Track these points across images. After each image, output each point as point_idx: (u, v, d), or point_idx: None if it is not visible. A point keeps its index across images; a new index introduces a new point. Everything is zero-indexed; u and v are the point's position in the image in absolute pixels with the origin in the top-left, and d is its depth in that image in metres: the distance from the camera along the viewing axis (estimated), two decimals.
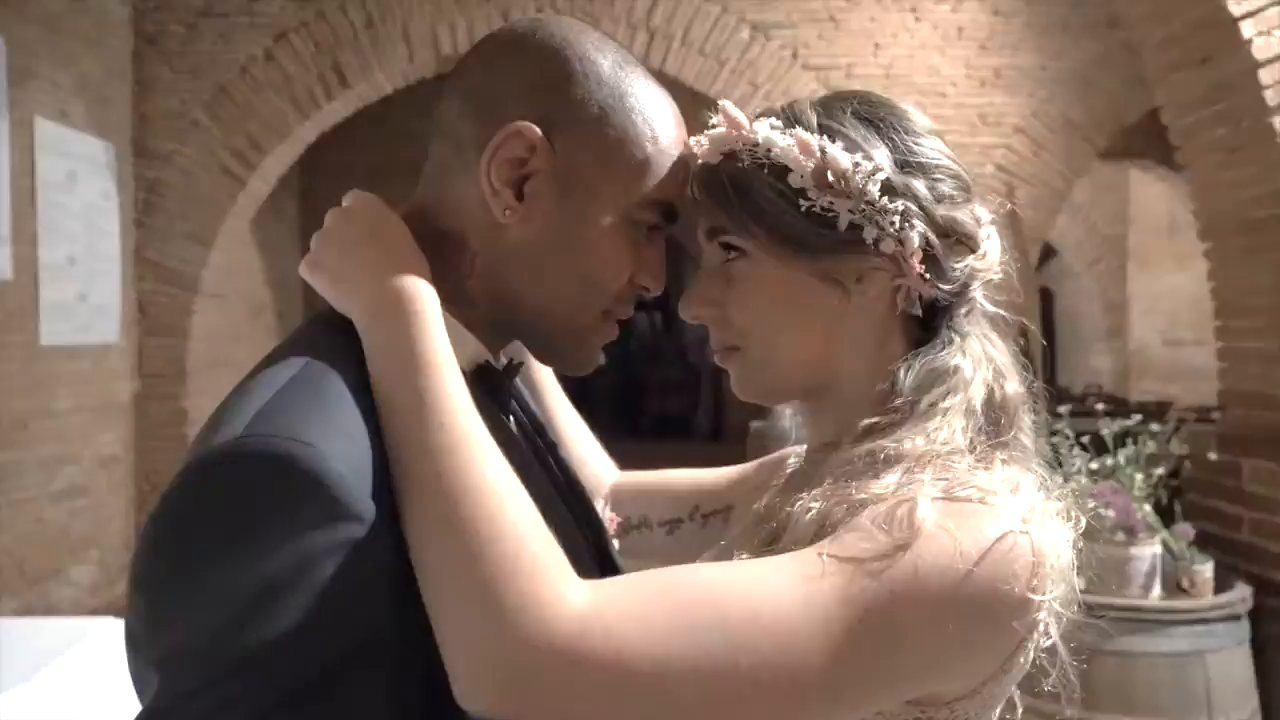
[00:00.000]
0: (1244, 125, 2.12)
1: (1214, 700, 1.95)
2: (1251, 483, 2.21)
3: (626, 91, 0.62)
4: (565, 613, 0.48)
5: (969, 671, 0.56)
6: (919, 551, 0.52)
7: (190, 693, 0.48)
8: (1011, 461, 0.61)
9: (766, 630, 0.50)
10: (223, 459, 0.50)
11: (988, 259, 0.68)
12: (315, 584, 0.48)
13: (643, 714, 0.50)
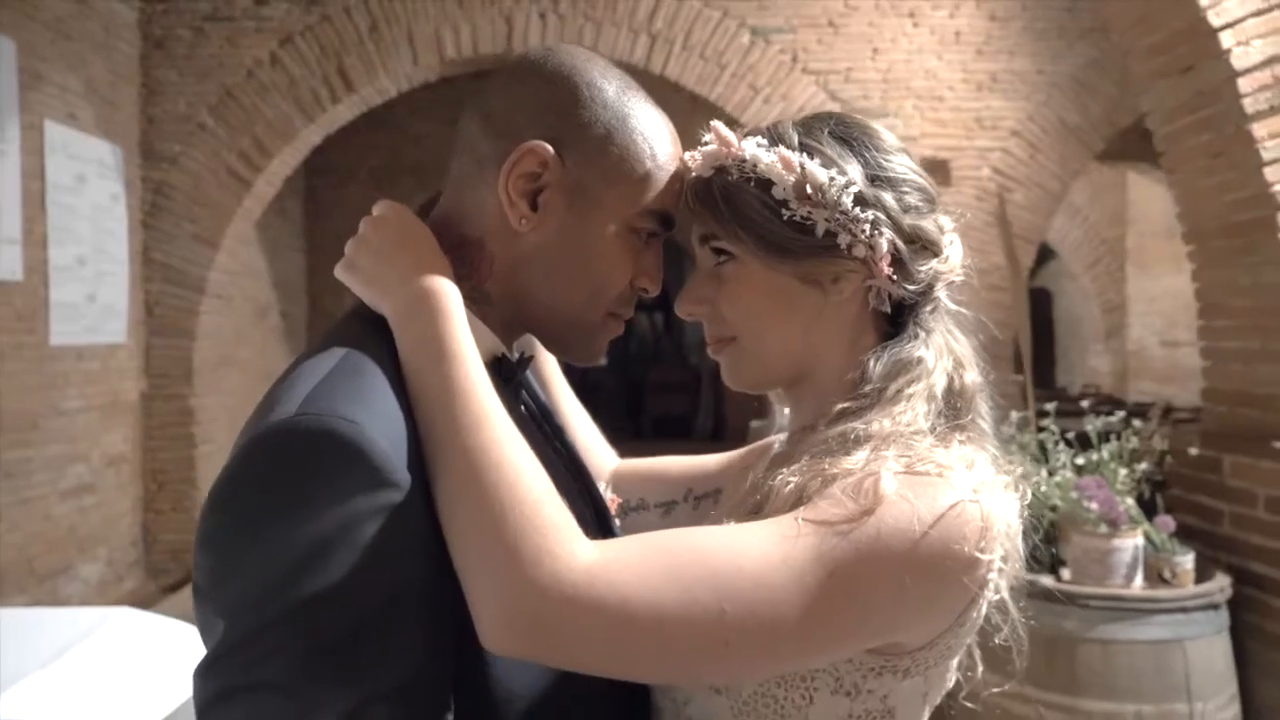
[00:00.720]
0: (1225, 132, 2.21)
1: (1193, 686, 2.03)
2: (1232, 477, 2.29)
3: (629, 114, 0.71)
4: (575, 566, 0.56)
5: (927, 623, 0.64)
6: (882, 516, 0.60)
7: (247, 637, 0.56)
8: (968, 441, 0.69)
9: (749, 583, 0.58)
10: (279, 434, 0.58)
11: (950, 262, 0.76)
12: (358, 543, 0.56)
13: (641, 654, 0.58)
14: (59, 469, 4.39)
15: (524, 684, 0.64)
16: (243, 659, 0.56)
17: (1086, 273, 9.30)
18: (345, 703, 0.55)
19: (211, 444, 5.34)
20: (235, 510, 0.58)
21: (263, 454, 0.58)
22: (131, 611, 2.29)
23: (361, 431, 0.57)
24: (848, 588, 0.58)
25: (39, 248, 4.29)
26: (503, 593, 0.56)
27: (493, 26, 5.05)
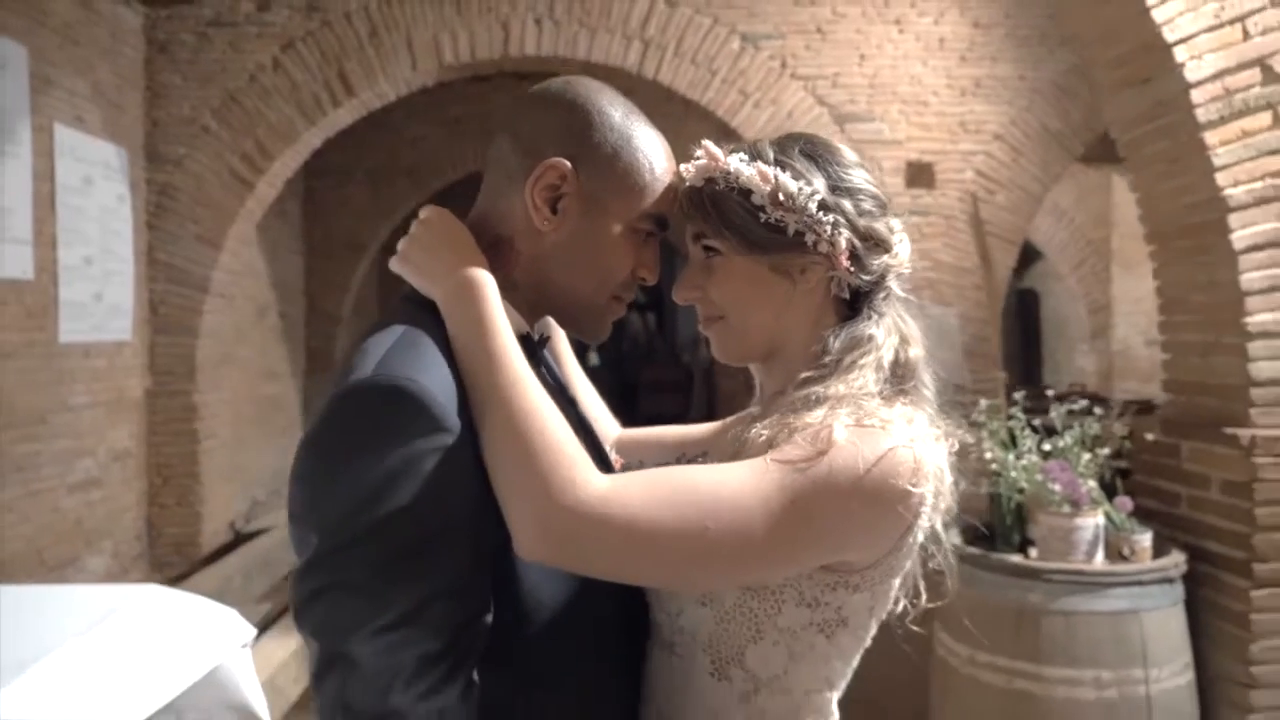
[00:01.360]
0: (1180, 139, 2.37)
1: (1149, 654, 2.19)
2: (1189, 462, 2.46)
3: (631, 136, 0.86)
4: (591, 492, 0.72)
5: (870, 545, 0.79)
6: (833, 457, 0.76)
7: (334, 549, 0.72)
8: (909, 403, 0.85)
9: (727, 507, 0.73)
10: (358, 391, 0.73)
11: (899, 257, 0.91)
12: (419, 476, 0.72)
13: (643, 561, 0.73)
14: (67, 463, 4.52)
15: (548, 595, 0.79)
16: (329, 565, 0.72)
17: (1073, 273, 9.48)
18: (408, 601, 0.71)
19: (214, 439, 5.48)
20: (324, 451, 0.73)
21: (345, 406, 0.74)
22: (158, 588, 2.44)
23: (422, 388, 0.73)
24: (805, 512, 0.74)
25: (49, 248, 4.42)
26: (536, 513, 0.71)
27: (490, 33, 5.20)
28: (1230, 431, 2.31)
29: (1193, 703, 2.25)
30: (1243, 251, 2.29)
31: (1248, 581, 2.25)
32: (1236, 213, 2.29)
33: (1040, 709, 2.18)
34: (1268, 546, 2.24)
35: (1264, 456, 2.24)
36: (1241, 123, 2.30)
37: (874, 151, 5.42)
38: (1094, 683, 2.16)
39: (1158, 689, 2.17)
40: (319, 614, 0.72)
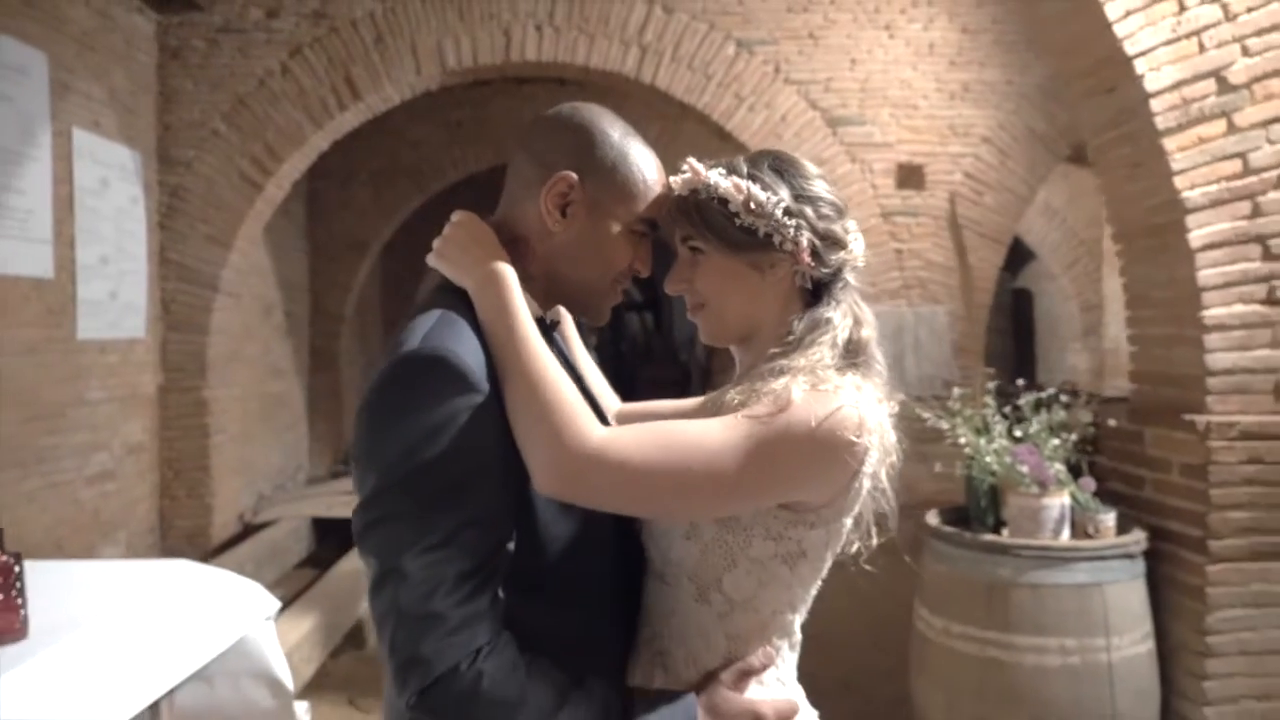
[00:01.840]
0: (1142, 145, 2.55)
1: (1111, 624, 2.36)
2: (1152, 447, 2.63)
3: (628, 152, 1.04)
4: (593, 439, 0.89)
5: (822, 487, 0.97)
6: (791, 413, 0.93)
7: (389, 485, 0.89)
8: (860, 374, 1.02)
9: (704, 452, 0.91)
10: (408, 359, 0.91)
11: (854, 253, 1.09)
12: (455, 427, 0.89)
13: (636, 496, 0.91)
14: (84, 456, 4.70)
15: (559, 529, 0.97)
16: (385, 499, 0.90)
17: (1065, 273, 9.66)
18: (447, 527, 0.88)
19: (224, 434, 5.65)
20: (381, 407, 0.91)
21: (398, 372, 0.92)
22: (188, 563, 2.62)
23: (459, 357, 0.91)
24: (767, 456, 0.92)
25: (67, 247, 4.59)
26: (550, 457, 0.89)
27: (491, 39, 5.37)
28: (1188, 418, 2.48)
29: (1152, 670, 2.43)
30: (1199, 250, 2.47)
31: (1204, 557, 2.43)
32: (1193, 214, 2.47)
33: (1009, 675, 2.36)
34: (1222, 525, 2.42)
35: (1218, 440, 2.42)
36: (1198, 130, 2.48)
37: (865, 154, 5.61)
38: (1059, 650, 2.34)
39: (1119, 656, 2.35)
40: (377, 538, 0.90)
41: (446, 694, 0.88)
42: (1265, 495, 2.42)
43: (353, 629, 4.07)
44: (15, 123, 4.22)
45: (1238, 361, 2.47)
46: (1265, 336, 2.48)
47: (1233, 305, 2.48)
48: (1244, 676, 2.44)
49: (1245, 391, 2.47)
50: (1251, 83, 2.47)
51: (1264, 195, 2.48)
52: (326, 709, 3.47)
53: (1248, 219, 2.48)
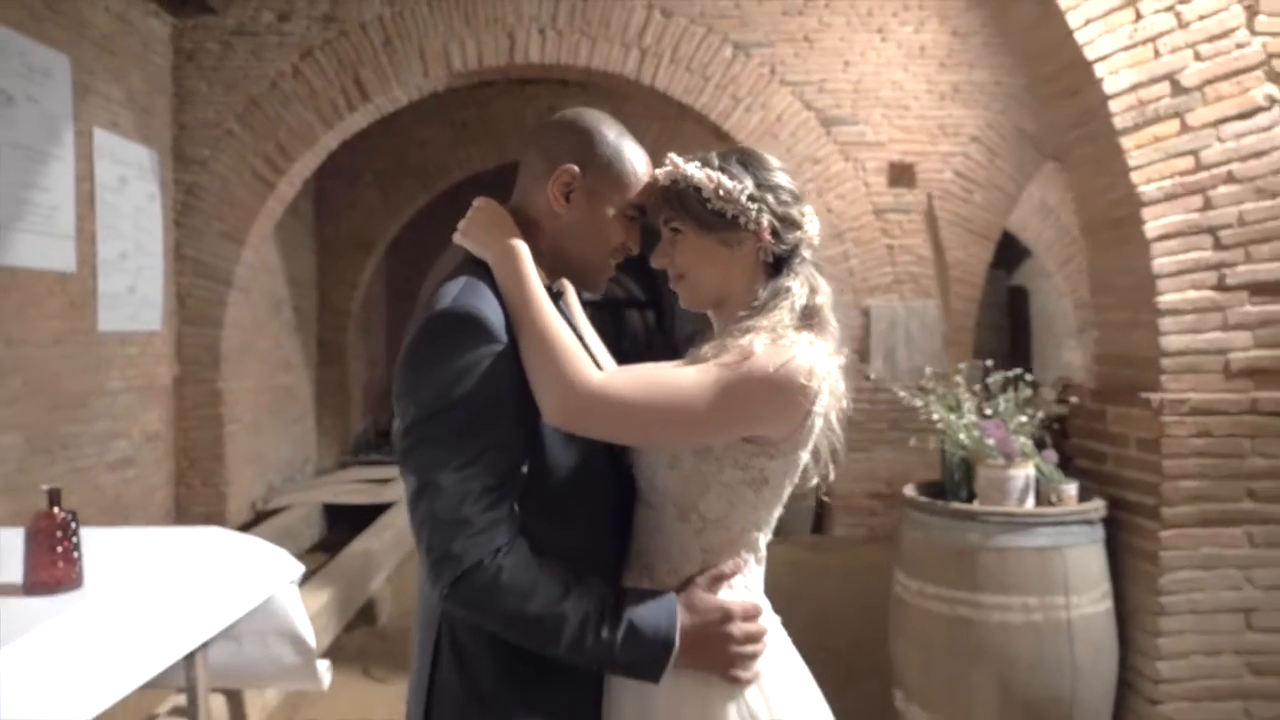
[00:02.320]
0: (1102, 143, 2.77)
1: (1070, 584, 2.58)
2: (1112, 424, 2.85)
3: (621, 150, 1.26)
4: (593, 381, 1.11)
5: (779, 424, 1.18)
6: (752, 361, 1.15)
7: (426, 416, 1.11)
8: (814, 333, 1.24)
9: (682, 391, 1.13)
10: (442, 315, 1.13)
11: (809, 233, 1.30)
12: (479, 370, 1.11)
13: (627, 426, 1.13)
14: (105, 443, 4.93)
15: (564, 458, 1.19)
16: (424, 427, 1.12)
17: (1060, 270, 9.87)
18: (473, 450, 1.10)
19: (237, 424, 5.88)
20: (419, 353, 1.14)
21: (434, 325, 1.14)
22: (219, 529, 2.85)
23: (483, 314, 1.13)
24: (731, 395, 1.14)
25: (89, 243, 4.83)
26: (556, 395, 1.12)
27: (496, 42, 5.61)
28: (1144, 396, 2.70)
29: (1110, 627, 2.64)
30: (1154, 240, 2.69)
31: (1157, 524, 2.65)
32: (1149, 207, 2.69)
33: (977, 631, 2.58)
34: (1173, 493, 2.64)
35: (1170, 416, 2.64)
36: (1153, 129, 2.70)
37: (858, 153, 5.83)
38: (1023, 608, 2.55)
39: (1077, 614, 2.57)
40: (416, 459, 1.12)
41: (472, 584, 1.10)
42: (1214, 466, 2.64)
43: (365, 605, 4.29)
44: (40, 123, 4.46)
45: (1190, 344, 2.69)
46: (1215, 320, 2.69)
47: (1185, 292, 2.69)
48: (1194, 634, 2.65)
49: (1197, 371, 2.69)
50: (1202, 85, 2.69)
51: (1214, 190, 2.69)
52: (341, 678, 3.69)
53: (1199, 212, 2.69)
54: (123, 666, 2.00)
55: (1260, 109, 2.69)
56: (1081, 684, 2.56)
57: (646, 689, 1.18)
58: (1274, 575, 2.66)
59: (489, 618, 1.13)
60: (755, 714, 1.20)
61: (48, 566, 2.09)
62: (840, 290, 5.84)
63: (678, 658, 1.15)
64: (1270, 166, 2.69)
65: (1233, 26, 2.69)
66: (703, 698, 1.19)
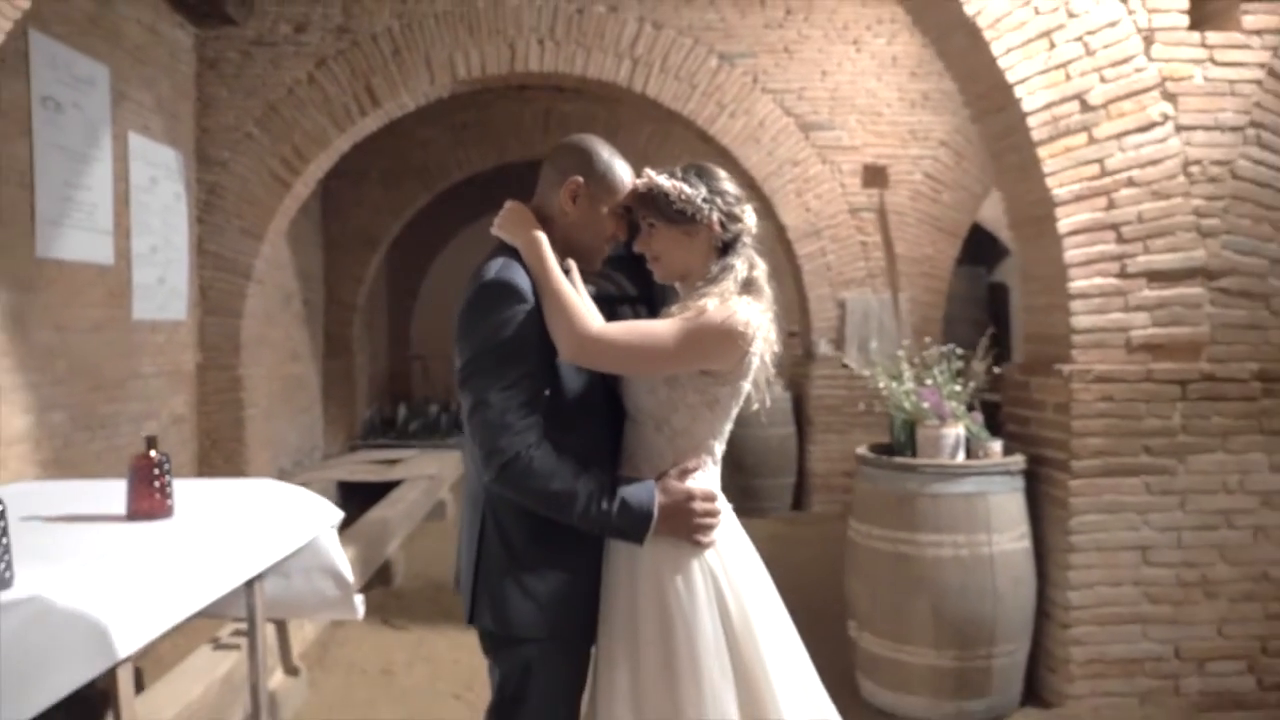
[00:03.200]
0: (1023, 153, 3.30)
1: (992, 524, 3.10)
2: (1035, 393, 3.37)
3: (613, 165, 1.78)
4: (593, 328, 1.63)
5: (725, 360, 1.70)
6: (706, 315, 1.67)
7: (476, 355, 1.64)
8: (753, 298, 1.76)
9: (656, 336, 1.65)
10: (488, 283, 1.65)
11: (748, 224, 1.82)
12: (515, 322, 1.63)
13: (618, 360, 1.66)
14: (139, 423, 5.42)
15: (573, 385, 1.71)
16: (477, 361, 1.64)
17: None
18: (513, 375, 1.62)
19: (256, 409, 6.39)
20: (474, 311, 1.66)
21: (482, 290, 1.66)
22: (272, 480, 3.36)
23: (517, 283, 1.66)
24: (691, 338, 1.66)
25: (125, 238, 5.34)
26: (567, 338, 1.64)
27: (498, 52, 6.13)
28: (1058, 367, 3.23)
29: (1027, 561, 3.17)
30: (1066, 235, 3.22)
31: (1068, 475, 3.17)
32: (1061, 207, 3.22)
33: (915, 566, 3.10)
34: (1081, 449, 3.17)
35: (1079, 384, 3.17)
36: (1065, 141, 3.23)
37: (834, 156, 6.37)
38: (952, 545, 3.08)
39: (998, 550, 3.10)
40: (472, 383, 1.63)
41: (513, 470, 1.62)
42: (1115, 426, 3.17)
43: (381, 567, 4.80)
44: (83, 128, 4.97)
45: (1096, 323, 3.22)
46: (1118, 303, 3.23)
47: (1093, 279, 3.23)
48: (1099, 568, 3.18)
49: (1102, 346, 3.22)
50: (1107, 104, 3.23)
51: (1116, 192, 3.23)
52: (364, 627, 4.21)
53: (1104, 211, 3.23)
54: (206, 580, 2.51)
55: (1155, 124, 3.24)
56: (1002, 608, 3.09)
57: (634, 550, 1.70)
58: (1167, 518, 3.20)
59: (524, 494, 1.66)
60: (712, 569, 1.72)
61: (147, 498, 2.61)
62: (818, 283, 6.39)
63: (656, 526, 1.67)
64: (1164, 173, 3.24)
65: (1132, 54, 3.23)
66: (674, 557, 1.71)
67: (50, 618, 1.91)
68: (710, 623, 1.69)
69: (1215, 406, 3.21)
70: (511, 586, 1.71)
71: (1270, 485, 3.22)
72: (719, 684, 1.66)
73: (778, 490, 6.45)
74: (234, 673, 2.95)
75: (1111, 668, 3.21)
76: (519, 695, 1.74)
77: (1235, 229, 3.25)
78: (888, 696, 3.20)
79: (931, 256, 6.38)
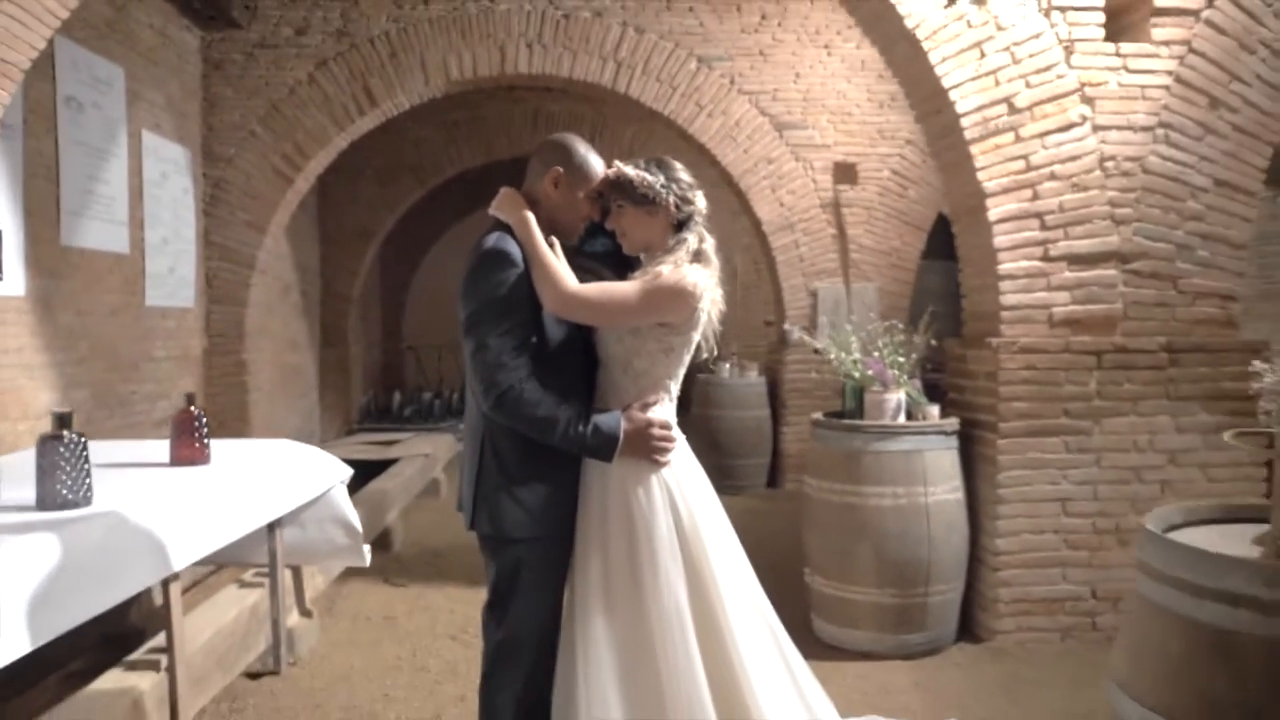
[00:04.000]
0: (958, 151, 3.76)
1: (928, 478, 3.56)
2: (971, 364, 3.83)
3: (588, 158, 2.21)
4: (571, 287, 2.07)
5: (678, 315, 2.12)
6: (662, 278, 2.10)
7: (477, 309, 2.07)
8: (701, 265, 2.20)
9: (622, 294, 2.08)
10: (488, 250, 2.08)
11: (698, 206, 2.26)
12: (510, 282, 2.06)
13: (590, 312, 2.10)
14: (152, 403, 5.85)
15: (556, 334, 2.15)
16: (479, 312, 2.08)
17: None
18: (506, 324, 2.06)
19: (259, 392, 6.81)
20: (477, 273, 2.10)
21: (482, 256, 2.10)
22: (289, 441, 3.79)
23: (511, 251, 2.10)
24: (650, 296, 2.10)
25: (139, 229, 5.75)
26: (551, 294, 2.08)
27: (489, 54, 6.56)
28: (989, 340, 3.70)
29: (959, 510, 3.62)
30: (995, 223, 3.68)
31: (995, 435, 3.63)
32: (991, 198, 3.68)
33: (859, 514, 3.55)
34: (1008, 412, 3.62)
35: (1005, 355, 3.63)
36: (994, 140, 3.69)
37: (807, 154, 6.83)
38: (892, 495, 3.53)
39: (933, 500, 3.55)
40: (475, 330, 2.07)
41: (507, 398, 2.06)
42: (1037, 391, 3.63)
43: (381, 534, 5.23)
44: (102, 126, 5.38)
45: (1021, 301, 3.68)
46: (1041, 284, 3.69)
47: (1019, 261, 3.69)
48: (1024, 517, 3.64)
49: (1027, 321, 3.68)
50: (1031, 107, 3.69)
51: (1040, 185, 3.69)
52: (366, 584, 4.64)
53: (1029, 201, 3.69)
54: (241, 516, 2.95)
55: (1075, 124, 3.70)
56: (936, 552, 3.55)
57: (605, 466, 2.14)
58: (1084, 474, 3.67)
59: (516, 420, 2.10)
60: (667, 483, 2.17)
61: (188, 447, 3.05)
62: (791, 274, 6.84)
63: (622, 448, 2.12)
64: (1083, 168, 3.71)
65: (1054, 62, 3.70)
66: (636, 472, 2.16)
67: (125, 529, 2.35)
68: (665, 524, 2.13)
69: (1127, 375, 3.67)
70: (505, 497, 2.15)
71: (1176, 445, 3.68)
72: (672, 572, 2.11)
73: (753, 469, 6.91)
74: (258, 606, 3.38)
75: (1035, 606, 3.67)
76: (512, 585, 2.18)
77: (1145, 218, 3.72)
78: (837, 631, 3.65)
79: (899, 249, 6.84)
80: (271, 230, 6.66)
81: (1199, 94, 3.72)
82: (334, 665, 3.58)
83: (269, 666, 3.46)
